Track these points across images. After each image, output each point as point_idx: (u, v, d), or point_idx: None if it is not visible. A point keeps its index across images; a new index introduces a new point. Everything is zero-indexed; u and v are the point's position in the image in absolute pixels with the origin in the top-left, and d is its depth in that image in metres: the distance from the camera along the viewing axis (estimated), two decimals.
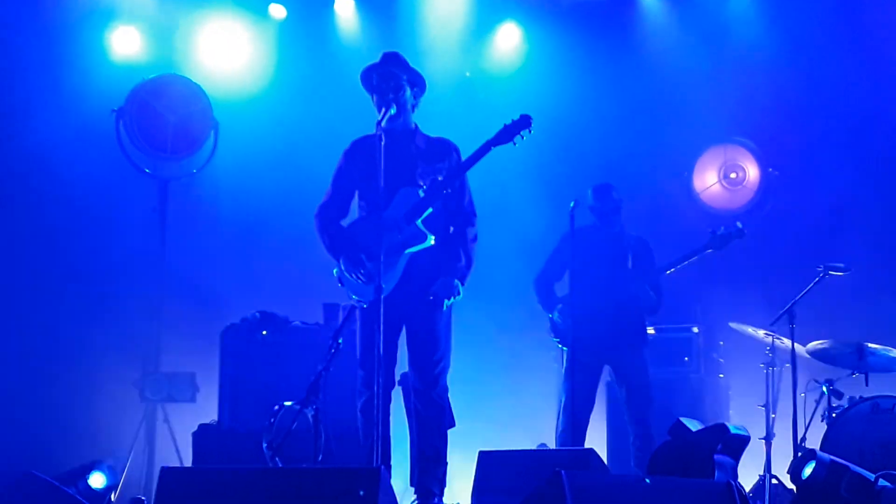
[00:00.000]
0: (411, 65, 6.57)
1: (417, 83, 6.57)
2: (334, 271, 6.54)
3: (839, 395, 7.67)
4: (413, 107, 6.60)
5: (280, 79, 9.94)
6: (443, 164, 6.54)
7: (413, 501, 6.49)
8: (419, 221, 6.38)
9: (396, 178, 6.37)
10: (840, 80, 9.52)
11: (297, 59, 9.97)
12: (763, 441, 7.84)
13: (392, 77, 6.48)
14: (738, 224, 7.87)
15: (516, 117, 6.36)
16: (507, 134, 6.36)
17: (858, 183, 9.42)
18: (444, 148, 6.63)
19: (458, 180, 6.49)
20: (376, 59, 6.56)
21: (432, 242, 6.39)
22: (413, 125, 6.61)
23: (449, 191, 6.42)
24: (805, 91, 9.63)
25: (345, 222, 6.67)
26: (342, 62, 9.56)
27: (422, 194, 6.40)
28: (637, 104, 9.92)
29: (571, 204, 7.49)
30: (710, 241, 7.83)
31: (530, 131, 6.35)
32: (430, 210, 6.38)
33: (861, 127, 9.47)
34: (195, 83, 9.38)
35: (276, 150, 9.65)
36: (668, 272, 7.86)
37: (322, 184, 6.76)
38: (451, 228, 6.55)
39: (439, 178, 6.45)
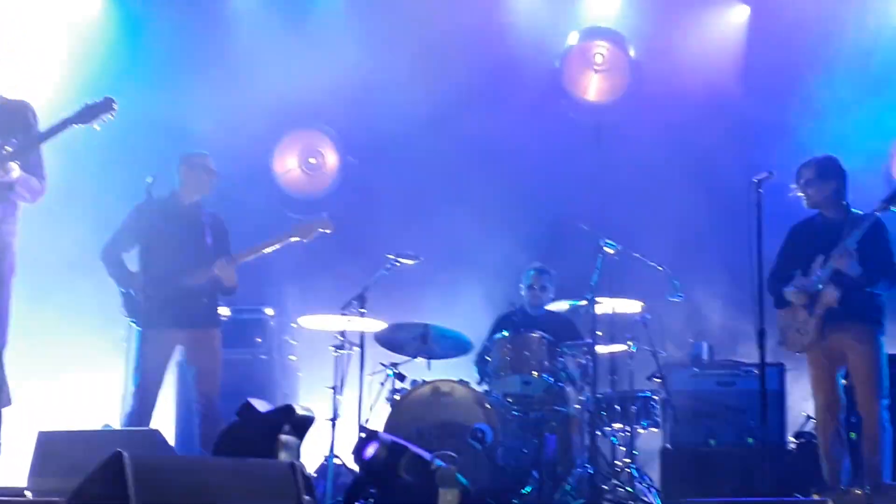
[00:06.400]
0: None
1: None
2: None
3: (402, 378, 7.98)
4: None
5: None
6: (14, 131, 6.26)
7: None
8: None
9: None
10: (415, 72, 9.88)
11: None
12: (329, 422, 8.02)
13: None
14: (324, 215, 7.91)
15: (99, 98, 6.19)
16: (89, 114, 6.17)
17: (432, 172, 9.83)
18: (17, 111, 6.32)
19: (35, 152, 6.26)
20: None
21: None
22: None
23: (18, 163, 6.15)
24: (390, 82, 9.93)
25: None
26: None
27: None
28: (219, 81, 9.86)
29: (149, 180, 7.30)
30: (293, 230, 7.80)
31: (112, 116, 6.20)
32: None
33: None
34: None
35: None
36: (248, 258, 7.77)
37: None
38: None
39: (7, 149, 6.14)
